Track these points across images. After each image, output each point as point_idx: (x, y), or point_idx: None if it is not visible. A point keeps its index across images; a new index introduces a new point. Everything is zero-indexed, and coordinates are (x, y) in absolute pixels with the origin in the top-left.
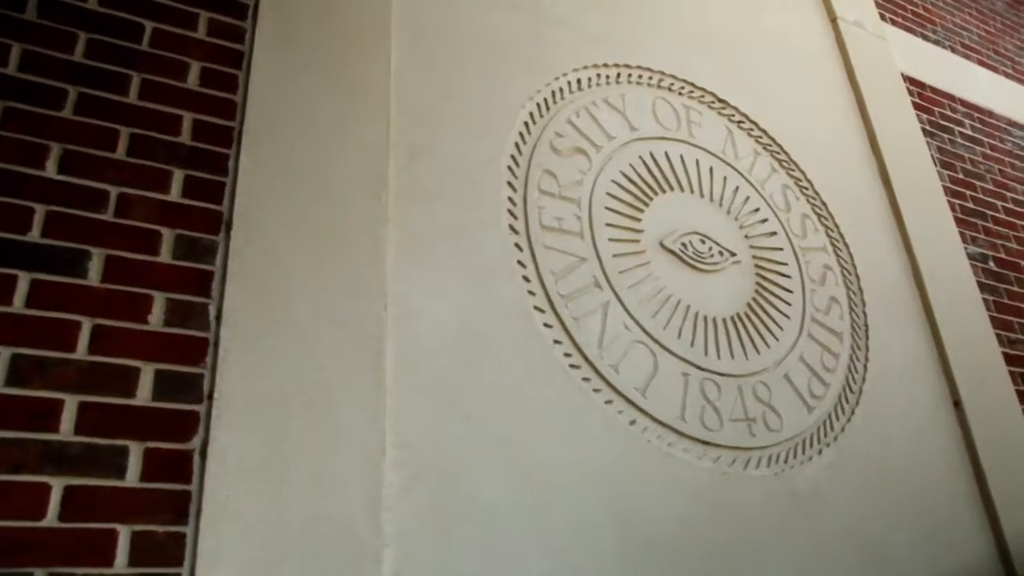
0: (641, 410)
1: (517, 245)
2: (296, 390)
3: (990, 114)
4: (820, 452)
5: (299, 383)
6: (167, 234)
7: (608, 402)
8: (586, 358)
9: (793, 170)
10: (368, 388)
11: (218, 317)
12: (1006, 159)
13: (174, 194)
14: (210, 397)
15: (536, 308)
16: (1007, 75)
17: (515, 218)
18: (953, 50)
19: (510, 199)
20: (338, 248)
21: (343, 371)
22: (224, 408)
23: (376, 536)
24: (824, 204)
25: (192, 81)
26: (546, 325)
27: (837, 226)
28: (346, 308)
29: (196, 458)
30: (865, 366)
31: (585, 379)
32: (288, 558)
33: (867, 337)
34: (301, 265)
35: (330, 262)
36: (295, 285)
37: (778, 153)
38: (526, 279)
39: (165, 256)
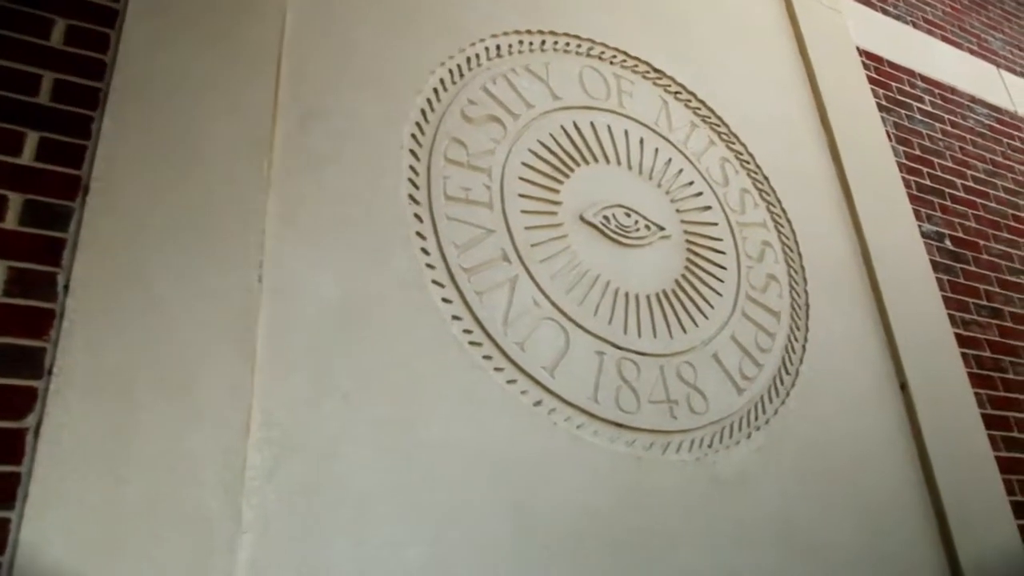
0: (548, 390)
1: (417, 216)
2: (148, 365)
3: (952, 90)
4: (749, 436)
5: (153, 358)
6: (15, 199)
7: (511, 382)
8: (488, 335)
9: (733, 143)
10: (232, 364)
11: (67, 287)
12: (968, 136)
13: (26, 157)
14: (51, 372)
15: (434, 282)
16: (972, 52)
17: (416, 188)
18: (915, 25)
19: (412, 168)
20: (208, 216)
21: (204, 346)
22: (64, 384)
23: (232, 522)
24: (766, 178)
25: (56, 39)
26: (444, 300)
27: (779, 201)
28: (213, 280)
29: (30, 437)
30: (804, 347)
31: (486, 357)
32: (126, 546)
33: (807, 317)
34: (165, 233)
35: (198, 231)
36: (156, 254)
37: (718, 126)
38: (425, 251)
39: (11, 222)
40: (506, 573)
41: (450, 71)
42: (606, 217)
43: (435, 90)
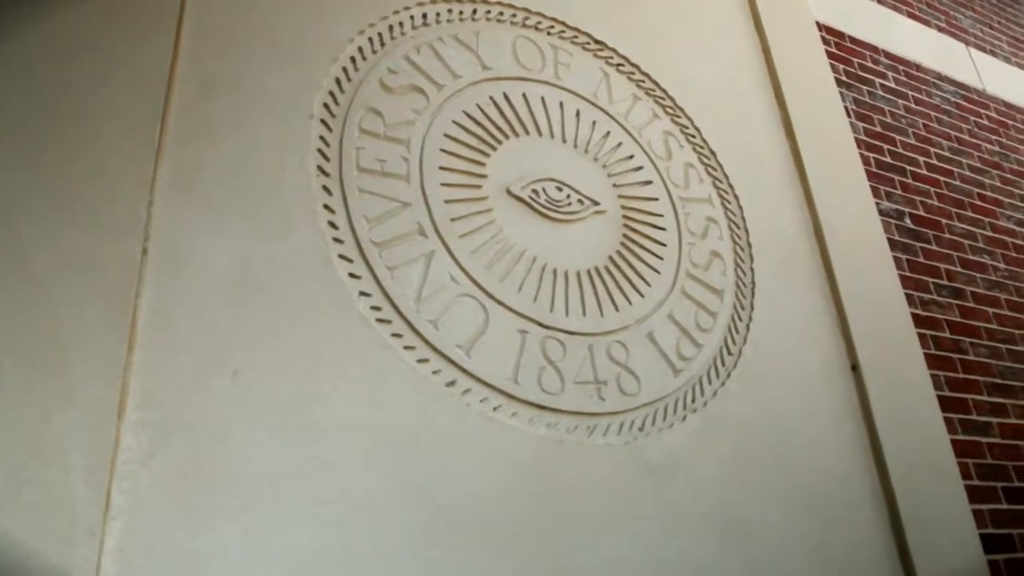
0: (463, 370)
1: (325, 188)
2: (14, 341)
3: (918, 67)
4: (684, 419)
5: (19, 333)
6: None
7: (422, 361)
8: (399, 312)
9: (679, 117)
10: (107, 341)
11: None
12: (932, 113)
13: None
14: None
15: (342, 256)
16: (940, 29)
17: (327, 159)
18: (880, 1)
19: (322, 139)
20: (89, 185)
21: (77, 322)
22: None
23: (97, 507)
24: (713, 153)
25: None
26: (352, 275)
27: (727, 176)
28: (89, 251)
29: None
30: (748, 326)
31: (396, 335)
32: None
33: (753, 295)
34: (38, 205)
35: (76, 200)
36: (29, 227)
37: (662, 99)
38: (333, 225)
39: None
40: (408, 561)
41: (370, 39)
42: (535, 191)
43: (352, 59)
